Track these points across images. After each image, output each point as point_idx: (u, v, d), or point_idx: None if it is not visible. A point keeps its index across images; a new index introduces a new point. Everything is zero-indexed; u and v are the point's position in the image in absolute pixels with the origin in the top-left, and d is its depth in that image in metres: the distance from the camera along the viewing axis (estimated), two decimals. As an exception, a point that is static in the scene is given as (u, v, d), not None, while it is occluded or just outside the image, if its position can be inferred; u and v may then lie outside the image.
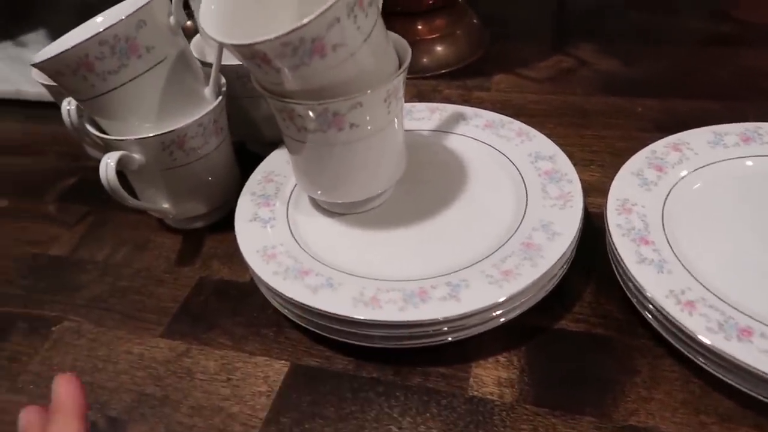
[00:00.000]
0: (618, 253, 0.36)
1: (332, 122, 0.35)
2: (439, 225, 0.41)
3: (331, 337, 0.36)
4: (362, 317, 0.34)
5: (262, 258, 0.38)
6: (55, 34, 0.79)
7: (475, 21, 0.70)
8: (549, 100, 0.59)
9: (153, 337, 0.40)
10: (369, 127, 0.37)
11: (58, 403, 0.28)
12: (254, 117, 0.51)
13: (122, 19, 0.37)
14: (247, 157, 0.51)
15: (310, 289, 0.36)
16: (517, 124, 0.48)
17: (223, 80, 0.45)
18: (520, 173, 0.43)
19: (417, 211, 0.42)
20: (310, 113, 0.35)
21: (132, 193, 0.43)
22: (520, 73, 0.64)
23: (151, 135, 0.40)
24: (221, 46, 0.42)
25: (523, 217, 0.40)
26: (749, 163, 0.42)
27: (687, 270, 0.35)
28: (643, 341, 0.36)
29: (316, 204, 0.44)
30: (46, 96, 0.56)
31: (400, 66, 0.38)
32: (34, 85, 0.67)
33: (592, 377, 0.35)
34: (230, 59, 0.43)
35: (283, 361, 0.38)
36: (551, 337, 0.37)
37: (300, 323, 0.37)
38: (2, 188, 0.57)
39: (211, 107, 0.42)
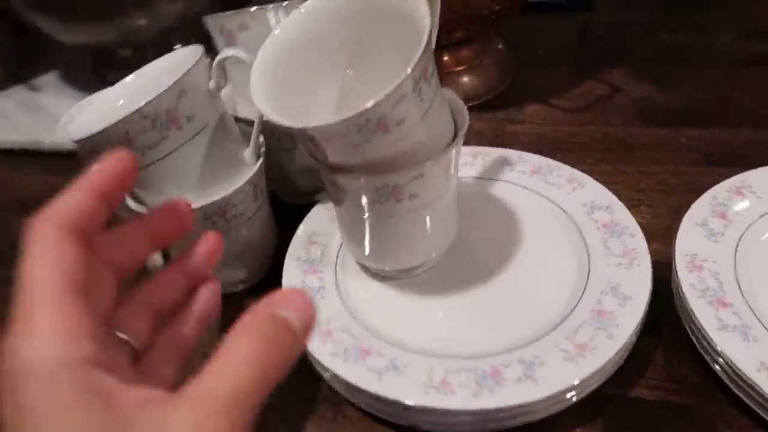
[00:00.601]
0: (697, 320, 0.34)
1: (391, 194, 0.33)
2: (498, 287, 0.39)
3: (396, 422, 0.35)
4: (434, 405, 0.32)
5: (318, 336, 0.36)
6: (68, 76, 0.77)
7: (500, 47, 0.68)
8: (587, 132, 0.57)
9: (204, 418, 0.38)
10: (428, 196, 0.35)
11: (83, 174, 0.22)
12: (289, 170, 0.49)
13: (164, 91, 0.35)
14: (280, 208, 0.49)
15: (374, 372, 0.34)
16: (566, 170, 0.46)
17: (262, 139, 0.43)
18: (577, 226, 0.41)
19: (473, 272, 0.40)
20: (369, 187, 0.33)
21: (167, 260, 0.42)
22: (552, 103, 0.62)
23: (193, 208, 0.38)
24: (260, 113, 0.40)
25: (588, 277, 0.38)
26: (818, 207, 0.40)
27: (773, 336, 0.33)
28: (724, 408, 0.34)
29: (365, 267, 0.42)
30: (65, 145, 0.54)
31: (456, 127, 0.36)
32: (51, 134, 0.65)
33: (677, 453, 0.33)
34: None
35: (344, 443, 0.36)
36: (627, 408, 0.35)
37: (363, 407, 0.36)
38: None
39: (252, 173, 0.40)
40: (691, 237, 0.39)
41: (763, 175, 0.42)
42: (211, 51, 0.46)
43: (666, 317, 0.38)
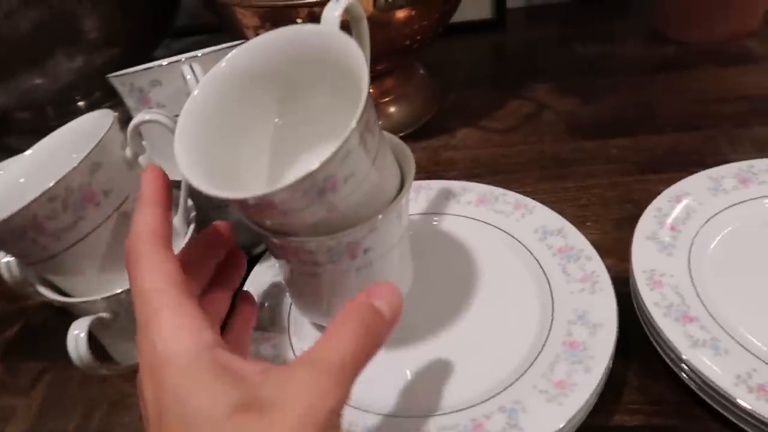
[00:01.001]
0: (667, 339, 0.34)
1: (345, 252, 0.31)
2: (462, 330, 0.37)
3: (379, 493, 0.32)
4: (420, 474, 0.29)
5: (281, 413, 0.33)
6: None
7: (422, 72, 0.67)
8: (521, 152, 0.57)
9: None
10: (383, 248, 0.32)
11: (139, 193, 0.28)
12: (223, 227, 0.46)
13: (75, 167, 0.31)
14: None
15: (348, 446, 0.31)
16: (512, 196, 0.45)
17: (190, 203, 0.39)
18: (532, 254, 0.40)
19: (433, 318, 0.38)
20: (321, 248, 0.30)
21: (100, 348, 0.37)
22: (483, 125, 0.61)
23: (121, 290, 0.34)
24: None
25: (553, 308, 0.37)
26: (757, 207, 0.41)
27: (742, 346, 0.33)
28: (706, 424, 0.34)
29: (320, 326, 0.39)
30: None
31: (402, 171, 0.34)
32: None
33: (671, 482, 0.32)
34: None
35: None
36: (611, 438, 0.34)
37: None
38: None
39: (185, 242, 0.37)
40: (645, 252, 0.39)
41: (698, 181, 0.43)
42: (118, 106, 0.42)
43: (632, 335, 0.38)
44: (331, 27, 0.29)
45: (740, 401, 0.30)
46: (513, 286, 0.39)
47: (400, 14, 0.52)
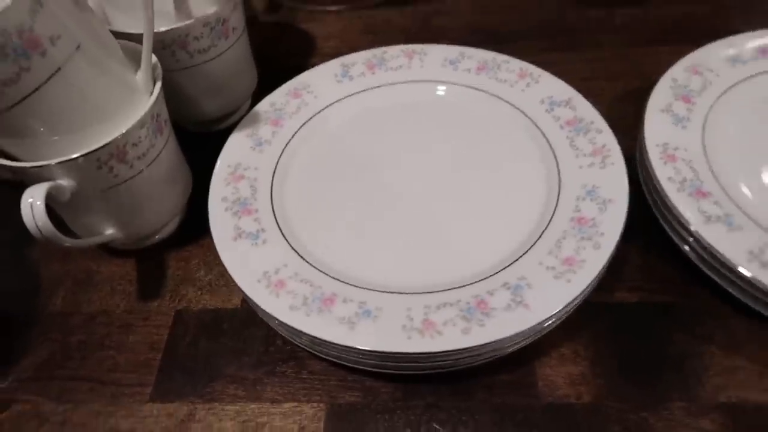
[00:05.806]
0: (679, 214, 0.32)
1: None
2: (464, 205, 0.35)
3: (374, 371, 0.30)
4: (421, 350, 0.28)
5: (269, 289, 0.31)
6: None
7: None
8: (521, 20, 0.52)
9: (141, 403, 0.32)
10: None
11: None
12: (190, 93, 0.41)
13: (7, 5, 0.25)
14: (188, 141, 0.41)
15: (344, 323, 0.29)
16: (515, 63, 0.41)
17: (155, 59, 0.34)
18: (537, 126, 0.37)
19: (432, 193, 0.35)
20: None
21: (60, 224, 0.33)
22: (477, -10, 0.56)
23: (81, 154, 0.30)
24: (150, 10, 0.31)
25: (560, 183, 0.34)
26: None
27: (755, 222, 0.31)
28: (706, 300, 0.33)
29: (304, 198, 0.36)
30: None
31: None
32: None
33: (667, 354, 0.31)
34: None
35: (315, 404, 0.31)
36: (610, 315, 0.33)
37: (334, 361, 0.31)
38: None
39: (151, 101, 0.32)
40: (658, 125, 0.36)
41: (716, 51, 0.40)
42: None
43: (636, 214, 0.36)
44: None
45: (752, 276, 0.29)
46: (517, 160, 0.36)
47: None
